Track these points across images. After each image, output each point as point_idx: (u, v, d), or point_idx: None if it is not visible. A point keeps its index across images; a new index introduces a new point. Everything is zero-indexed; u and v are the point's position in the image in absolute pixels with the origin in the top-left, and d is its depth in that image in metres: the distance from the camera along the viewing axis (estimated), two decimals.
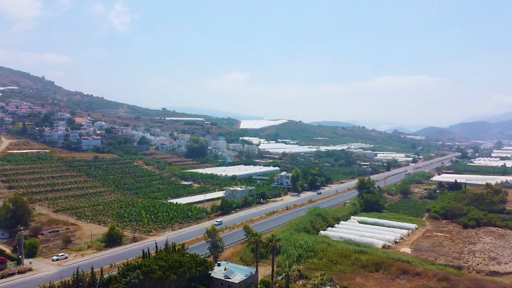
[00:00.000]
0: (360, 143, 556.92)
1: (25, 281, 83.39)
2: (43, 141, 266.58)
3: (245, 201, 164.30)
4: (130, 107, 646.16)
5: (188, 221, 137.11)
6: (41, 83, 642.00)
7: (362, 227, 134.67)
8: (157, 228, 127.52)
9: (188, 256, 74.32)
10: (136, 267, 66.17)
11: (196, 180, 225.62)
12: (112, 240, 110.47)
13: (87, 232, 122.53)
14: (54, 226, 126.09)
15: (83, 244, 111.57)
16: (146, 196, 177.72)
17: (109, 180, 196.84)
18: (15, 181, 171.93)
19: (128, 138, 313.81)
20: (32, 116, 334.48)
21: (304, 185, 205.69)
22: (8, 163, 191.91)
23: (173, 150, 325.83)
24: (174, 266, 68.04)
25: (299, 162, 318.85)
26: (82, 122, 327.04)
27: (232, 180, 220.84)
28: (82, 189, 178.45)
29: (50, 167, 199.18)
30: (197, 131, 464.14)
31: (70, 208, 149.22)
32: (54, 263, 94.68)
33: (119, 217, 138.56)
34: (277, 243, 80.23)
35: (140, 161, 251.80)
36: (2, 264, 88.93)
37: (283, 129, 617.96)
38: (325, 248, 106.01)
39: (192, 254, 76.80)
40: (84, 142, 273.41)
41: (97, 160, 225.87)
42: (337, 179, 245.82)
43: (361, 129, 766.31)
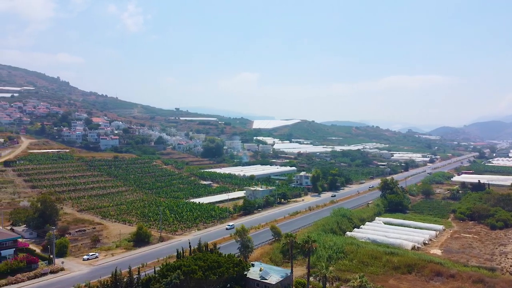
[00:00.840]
0: (375, 143, 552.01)
1: (58, 281, 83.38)
2: (61, 141, 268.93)
3: (267, 201, 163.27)
4: (144, 107, 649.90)
5: (212, 221, 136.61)
6: (57, 83, 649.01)
7: (388, 228, 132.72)
8: (183, 227, 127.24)
9: (225, 256, 73.61)
10: (175, 267, 65.59)
11: (214, 179, 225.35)
12: (140, 240, 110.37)
13: (114, 231, 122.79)
14: (80, 225, 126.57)
15: (111, 244, 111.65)
16: (168, 196, 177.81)
17: (130, 180, 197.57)
18: (38, 181, 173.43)
19: (145, 138, 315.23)
20: (50, 116, 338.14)
21: (324, 185, 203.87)
22: (30, 163, 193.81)
23: (189, 150, 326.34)
24: (213, 266, 67.37)
25: (315, 162, 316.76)
26: (99, 122, 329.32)
27: (250, 180, 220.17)
28: (104, 188, 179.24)
29: (71, 166, 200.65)
30: (211, 131, 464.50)
31: (94, 207, 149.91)
32: (85, 262, 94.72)
33: (143, 217, 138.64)
34: (313, 245, 79.07)
35: (159, 160, 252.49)
36: (33, 264, 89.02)
37: (296, 129, 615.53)
38: (355, 250, 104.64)
39: (229, 255, 76.16)
40: (102, 142, 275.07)
41: (117, 160, 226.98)
42: (356, 180, 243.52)
43: (375, 128, 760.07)
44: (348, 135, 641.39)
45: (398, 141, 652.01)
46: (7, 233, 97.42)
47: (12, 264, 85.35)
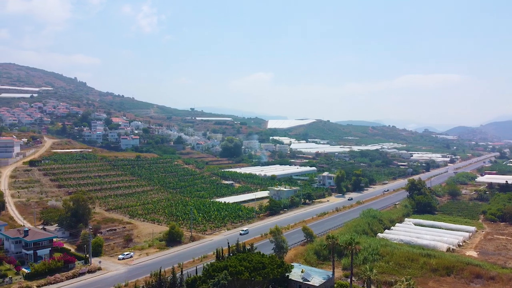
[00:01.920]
0: (392, 143, 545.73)
1: (97, 281, 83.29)
2: (82, 141, 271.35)
3: (292, 201, 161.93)
4: (160, 107, 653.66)
5: (240, 221, 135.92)
6: (74, 84, 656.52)
7: (420, 229, 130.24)
8: (212, 227, 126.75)
9: (267, 257, 72.61)
10: (221, 268, 64.80)
11: (236, 179, 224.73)
12: (172, 239, 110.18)
13: (144, 230, 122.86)
14: (109, 224, 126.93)
15: (143, 243, 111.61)
16: (192, 195, 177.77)
17: (154, 179, 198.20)
18: (64, 180, 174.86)
19: (165, 137, 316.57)
20: (70, 116, 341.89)
21: (348, 186, 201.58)
22: (54, 162, 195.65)
23: (208, 150, 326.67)
24: (258, 267, 66.45)
25: (335, 162, 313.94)
26: (119, 122, 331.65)
27: (271, 180, 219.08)
28: (129, 188, 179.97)
29: (95, 166, 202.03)
30: (227, 130, 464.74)
31: (121, 206, 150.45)
32: (121, 262, 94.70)
33: (171, 216, 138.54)
34: (357, 246, 77.48)
35: (180, 160, 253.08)
36: (70, 264, 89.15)
37: (312, 128, 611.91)
38: (390, 251, 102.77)
39: (272, 255, 75.21)
40: (123, 141, 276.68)
41: (139, 159, 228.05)
42: (379, 180, 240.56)
43: (391, 128, 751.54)
44: (365, 135, 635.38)
45: (415, 141, 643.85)
46: (43, 233, 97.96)
47: (50, 264, 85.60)
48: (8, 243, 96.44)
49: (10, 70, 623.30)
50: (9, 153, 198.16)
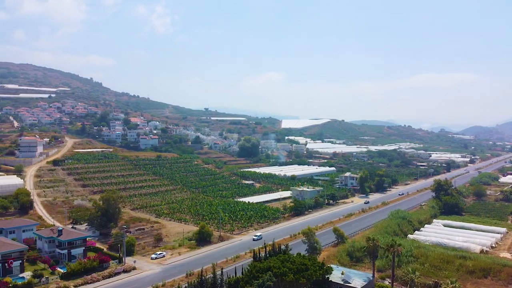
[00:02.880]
0: (409, 143, 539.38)
1: (133, 280, 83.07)
2: (101, 141, 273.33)
3: (316, 202, 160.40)
4: (174, 107, 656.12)
5: (266, 221, 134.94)
6: (90, 84, 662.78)
7: (451, 231, 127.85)
8: (239, 227, 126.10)
9: (308, 258, 71.54)
10: (265, 269, 63.93)
11: (256, 179, 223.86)
12: (202, 239, 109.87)
13: (172, 230, 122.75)
14: (137, 223, 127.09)
15: (172, 242, 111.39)
16: (215, 195, 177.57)
17: (176, 179, 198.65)
18: (88, 180, 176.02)
19: (183, 137, 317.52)
20: (89, 116, 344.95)
21: (371, 186, 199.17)
22: (77, 162, 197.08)
23: (225, 150, 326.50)
24: (301, 269, 65.37)
25: (353, 162, 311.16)
26: (137, 122, 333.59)
27: (292, 180, 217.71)
28: (152, 187, 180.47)
29: (117, 165, 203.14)
30: (242, 130, 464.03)
31: (147, 206, 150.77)
32: (154, 261, 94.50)
33: (197, 215, 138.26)
34: (399, 248, 75.95)
35: (199, 160, 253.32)
36: (105, 263, 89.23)
37: (327, 128, 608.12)
38: (424, 253, 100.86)
39: (312, 257, 74.10)
40: (142, 141, 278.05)
41: (160, 159, 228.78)
42: (401, 180, 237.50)
43: (407, 128, 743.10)
44: (380, 135, 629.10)
45: (432, 141, 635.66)
46: (77, 232, 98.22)
47: (86, 264, 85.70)
48: (41, 242, 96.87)
49: (27, 70, 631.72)
50: (33, 152, 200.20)
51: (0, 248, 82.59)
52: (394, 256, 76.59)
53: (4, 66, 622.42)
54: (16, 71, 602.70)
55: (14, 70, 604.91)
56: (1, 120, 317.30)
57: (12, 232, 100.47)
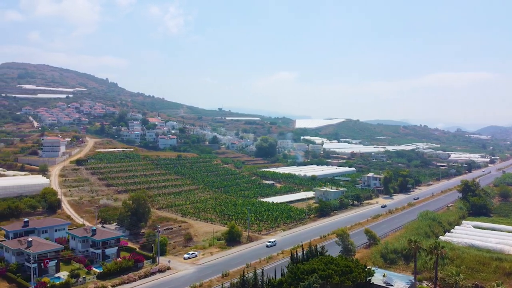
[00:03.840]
0: (426, 143, 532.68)
1: (169, 280, 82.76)
2: (120, 140, 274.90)
3: (341, 202, 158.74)
4: (189, 107, 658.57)
5: (292, 221, 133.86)
6: (106, 84, 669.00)
7: (482, 232, 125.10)
8: (266, 227, 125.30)
9: (351, 260, 70.35)
10: (309, 271, 62.95)
11: (276, 179, 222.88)
12: (231, 239, 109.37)
13: (199, 229, 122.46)
14: (165, 223, 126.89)
15: (201, 242, 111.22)
16: (237, 195, 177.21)
17: (197, 178, 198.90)
18: (112, 179, 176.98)
19: (200, 137, 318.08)
20: (107, 116, 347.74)
21: (395, 187, 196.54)
22: (100, 162, 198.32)
23: (242, 149, 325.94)
24: (346, 271, 64.26)
25: (372, 162, 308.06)
26: (155, 122, 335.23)
27: (312, 180, 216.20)
28: (175, 186, 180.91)
29: (139, 165, 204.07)
30: (258, 130, 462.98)
31: (172, 205, 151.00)
32: (187, 261, 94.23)
33: (223, 215, 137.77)
34: (443, 250, 74.28)
35: (218, 160, 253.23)
36: (139, 263, 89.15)
37: (341, 128, 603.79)
38: (459, 255, 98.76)
39: (355, 259, 72.83)
40: (161, 141, 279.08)
41: (180, 159, 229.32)
42: (423, 181, 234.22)
43: (423, 128, 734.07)
44: (396, 135, 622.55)
45: (448, 140, 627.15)
46: (110, 232, 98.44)
47: (122, 263, 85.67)
48: (74, 242, 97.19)
49: (44, 71, 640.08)
50: (56, 152, 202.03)
51: (35, 248, 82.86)
52: (438, 259, 74.80)
53: (21, 67, 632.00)
54: (33, 72, 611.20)
55: (31, 71, 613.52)
56: (21, 120, 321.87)
57: (45, 231, 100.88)
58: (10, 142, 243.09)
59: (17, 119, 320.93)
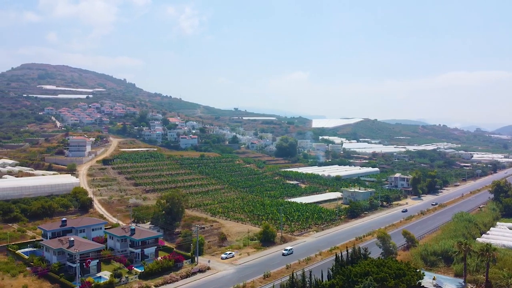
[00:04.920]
0: (445, 143, 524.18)
1: (211, 281, 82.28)
2: (142, 140, 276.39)
3: (371, 203, 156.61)
4: (205, 107, 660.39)
5: (323, 222, 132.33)
6: (124, 85, 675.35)
7: None
8: (298, 228, 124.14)
9: (402, 263, 68.84)
10: (363, 274, 61.71)
11: (299, 179, 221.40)
12: (266, 239, 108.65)
13: (231, 229, 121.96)
14: (196, 222, 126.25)
15: (236, 242, 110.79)
16: (263, 195, 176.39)
17: (222, 178, 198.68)
18: (139, 178, 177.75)
19: (220, 137, 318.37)
20: (128, 116, 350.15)
21: (423, 187, 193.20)
22: (125, 161, 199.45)
23: (261, 149, 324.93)
24: (399, 274, 62.79)
25: (395, 162, 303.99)
26: (176, 122, 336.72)
27: (337, 181, 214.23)
28: (201, 186, 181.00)
29: (164, 164, 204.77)
30: (275, 130, 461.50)
31: (200, 204, 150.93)
32: (225, 261, 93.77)
33: (252, 215, 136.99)
34: (494, 253, 72.22)
35: (240, 159, 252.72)
36: (179, 263, 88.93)
37: (359, 127, 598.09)
38: (501, 257, 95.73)
39: (406, 262, 71.37)
40: (182, 141, 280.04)
41: (203, 158, 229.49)
42: (450, 182, 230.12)
43: (442, 127, 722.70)
44: (415, 134, 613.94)
45: (468, 140, 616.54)
46: (149, 232, 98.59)
47: (163, 263, 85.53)
48: (112, 241, 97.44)
49: (64, 72, 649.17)
50: (82, 152, 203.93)
51: (78, 247, 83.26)
52: (489, 261, 72.73)
53: (41, 67, 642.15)
54: (53, 72, 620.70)
55: (51, 72, 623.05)
56: (44, 120, 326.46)
57: (82, 231, 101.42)
58: (35, 142, 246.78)
59: (40, 119, 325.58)
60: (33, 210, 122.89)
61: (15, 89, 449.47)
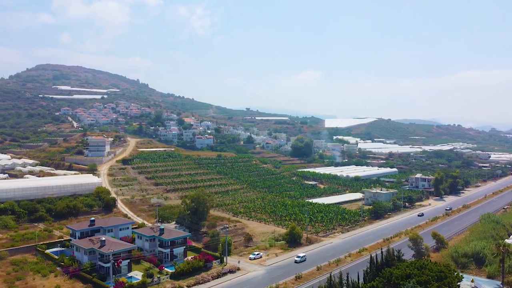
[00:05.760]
0: (461, 143, 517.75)
1: (243, 282, 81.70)
2: (158, 140, 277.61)
3: (394, 204, 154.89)
4: (217, 107, 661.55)
5: (347, 223, 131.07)
6: (137, 85, 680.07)
7: None
8: (323, 229, 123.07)
9: (441, 265, 67.61)
10: (405, 276, 60.65)
11: (317, 180, 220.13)
12: (292, 240, 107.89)
13: (255, 230, 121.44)
14: (219, 222, 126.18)
15: (261, 242, 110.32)
16: (283, 195, 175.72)
17: (240, 178, 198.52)
18: (159, 178, 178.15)
19: (235, 137, 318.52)
20: (144, 117, 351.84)
21: (445, 188, 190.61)
22: (144, 161, 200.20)
23: (276, 149, 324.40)
24: (441, 277, 61.56)
25: (412, 163, 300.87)
26: (191, 122, 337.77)
27: (356, 181, 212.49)
28: (220, 186, 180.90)
29: (182, 164, 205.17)
30: (289, 130, 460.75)
31: (221, 204, 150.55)
32: (254, 262, 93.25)
33: (275, 216, 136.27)
34: None
35: (257, 159, 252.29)
36: (209, 263, 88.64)
37: (373, 127, 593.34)
38: None
39: (447, 264, 70.12)
40: (198, 141, 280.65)
41: (220, 158, 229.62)
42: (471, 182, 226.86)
43: (457, 127, 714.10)
44: (430, 134, 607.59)
45: (484, 140, 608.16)
46: (178, 232, 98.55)
47: (193, 263, 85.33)
48: (141, 241, 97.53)
49: (78, 72, 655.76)
50: (101, 152, 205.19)
51: (110, 247, 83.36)
52: None
53: (56, 68, 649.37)
54: (67, 73, 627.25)
55: (65, 72, 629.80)
56: (61, 120, 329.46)
57: (110, 230, 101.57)
58: (54, 142, 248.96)
59: (57, 119, 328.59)
60: (58, 209, 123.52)
61: (31, 89, 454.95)
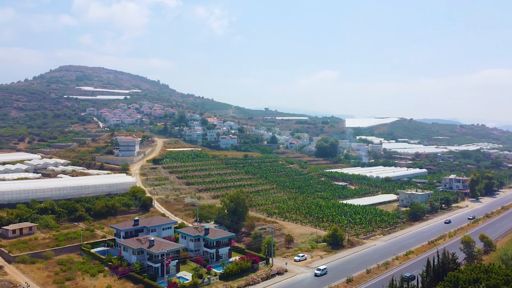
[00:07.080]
0: (486, 143, 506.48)
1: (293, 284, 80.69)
2: (183, 140, 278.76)
3: (432, 206, 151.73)
4: (236, 107, 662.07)
5: (386, 225, 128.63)
6: (158, 86, 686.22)
7: None
8: (363, 231, 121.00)
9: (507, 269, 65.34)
10: (473, 281, 58.73)
11: (346, 180, 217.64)
12: (334, 242, 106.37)
13: (293, 231, 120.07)
14: (256, 223, 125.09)
15: (301, 244, 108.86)
16: (314, 196, 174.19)
17: (269, 178, 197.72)
18: (190, 178, 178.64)
19: (258, 137, 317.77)
20: (168, 117, 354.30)
21: (481, 189, 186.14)
22: (174, 161, 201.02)
23: (300, 149, 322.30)
24: (508, 280, 59.38)
25: (440, 163, 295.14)
26: (214, 122, 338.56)
27: (386, 182, 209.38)
28: (251, 186, 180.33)
29: (210, 164, 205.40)
30: (310, 130, 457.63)
31: (255, 205, 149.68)
32: (299, 263, 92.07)
33: (311, 217, 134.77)
34: None
35: (283, 160, 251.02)
36: (255, 264, 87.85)
37: (395, 127, 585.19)
38: None
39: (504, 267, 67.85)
40: (222, 140, 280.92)
41: (247, 158, 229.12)
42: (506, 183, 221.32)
43: (481, 127, 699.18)
44: (454, 134, 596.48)
45: (509, 140, 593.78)
46: (222, 232, 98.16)
47: (242, 264, 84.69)
48: (185, 241, 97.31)
49: (100, 73, 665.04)
50: (131, 151, 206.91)
51: (159, 247, 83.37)
52: None
53: (78, 69, 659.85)
54: (90, 74, 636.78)
55: (88, 73, 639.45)
56: (86, 120, 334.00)
57: (153, 230, 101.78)
58: (82, 142, 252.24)
59: (82, 120, 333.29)
60: (97, 209, 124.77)
61: (55, 90, 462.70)
